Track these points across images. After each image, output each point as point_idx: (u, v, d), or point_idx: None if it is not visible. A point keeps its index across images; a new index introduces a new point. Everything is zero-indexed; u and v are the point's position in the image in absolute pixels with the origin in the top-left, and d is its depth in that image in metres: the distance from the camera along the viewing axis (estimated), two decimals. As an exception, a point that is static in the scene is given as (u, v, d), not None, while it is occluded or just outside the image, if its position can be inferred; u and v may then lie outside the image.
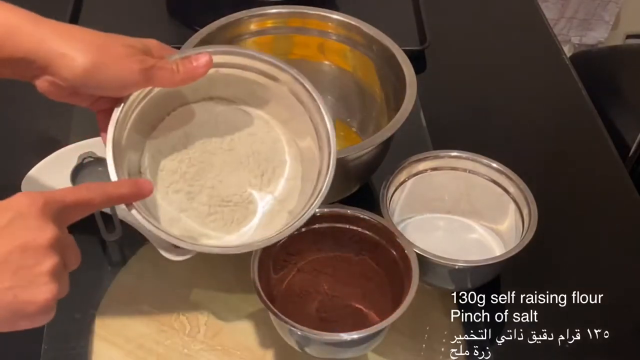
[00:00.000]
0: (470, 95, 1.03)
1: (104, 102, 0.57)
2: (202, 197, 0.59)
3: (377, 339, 0.67)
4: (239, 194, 0.60)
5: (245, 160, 0.61)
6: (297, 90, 0.62)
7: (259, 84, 0.63)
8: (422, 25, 1.07)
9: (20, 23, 0.53)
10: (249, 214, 0.61)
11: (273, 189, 0.62)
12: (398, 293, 0.68)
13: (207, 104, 0.63)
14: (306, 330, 0.63)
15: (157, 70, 0.55)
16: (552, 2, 1.87)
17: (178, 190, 0.59)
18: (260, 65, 0.62)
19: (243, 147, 0.62)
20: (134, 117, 0.58)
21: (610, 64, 1.48)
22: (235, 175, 0.61)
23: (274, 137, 0.64)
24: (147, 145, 0.60)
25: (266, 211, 0.62)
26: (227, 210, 0.59)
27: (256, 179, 0.61)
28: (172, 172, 0.59)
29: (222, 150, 0.61)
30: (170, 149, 0.60)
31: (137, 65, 0.54)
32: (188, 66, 0.57)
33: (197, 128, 0.62)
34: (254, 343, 0.72)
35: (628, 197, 0.90)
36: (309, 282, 0.73)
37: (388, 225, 0.71)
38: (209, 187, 0.60)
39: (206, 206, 0.59)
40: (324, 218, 0.72)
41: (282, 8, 0.86)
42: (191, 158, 0.60)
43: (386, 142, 0.75)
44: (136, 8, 1.09)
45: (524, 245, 0.70)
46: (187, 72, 0.57)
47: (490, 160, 0.77)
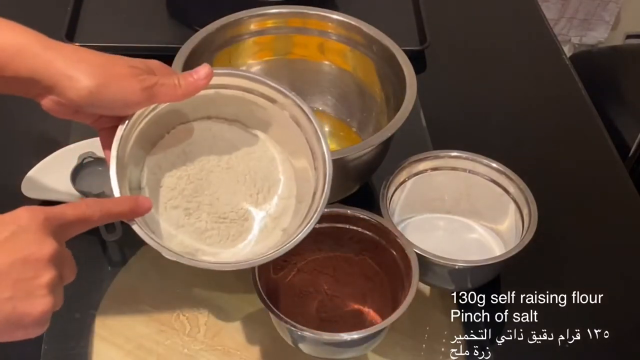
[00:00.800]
0: (470, 95, 1.03)
1: (106, 121, 0.58)
2: (199, 213, 0.61)
3: (377, 339, 0.67)
4: (235, 211, 0.61)
5: (242, 178, 0.63)
6: (295, 114, 0.63)
7: (258, 106, 0.64)
8: (422, 25, 1.07)
9: (29, 43, 0.54)
10: (244, 230, 0.62)
11: (268, 206, 0.64)
12: (398, 293, 0.68)
13: (206, 123, 0.64)
14: (306, 330, 0.63)
15: (158, 87, 0.56)
16: (552, 2, 1.87)
17: (176, 206, 0.60)
18: (260, 88, 0.63)
19: (240, 165, 0.63)
20: (136, 134, 0.59)
21: (610, 64, 1.48)
22: (232, 193, 0.62)
23: (270, 157, 0.65)
24: (147, 161, 0.61)
25: (261, 228, 0.63)
26: (224, 227, 0.61)
27: (252, 196, 0.63)
28: (170, 189, 0.61)
29: (220, 168, 0.63)
30: (169, 166, 0.62)
31: (139, 84, 0.55)
32: (189, 79, 0.58)
33: (196, 146, 0.63)
34: (254, 343, 0.72)
35: (628, 197, 0.90)
36: (309, 282, 0.73)
37: (388, 225, 0.71)
38: (206, 204, 0.61)
39: (203, 222, 0.60)
40: (324, 218, 0.72)
41: (282, 8, 0.86)
42: (190, 175, 0.61)
43: (386, 142, 0.75)
44: (136, 8, 1.09)
45: (524, 245, 0.70)
46: (188, 86, 0.58)
47: (490, 160, 0.77)
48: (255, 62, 0.88)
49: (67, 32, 1.00)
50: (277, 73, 0.89)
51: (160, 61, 0.60)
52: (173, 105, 0.61)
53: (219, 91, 0.62)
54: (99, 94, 0.53)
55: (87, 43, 1.00)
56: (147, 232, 0.55)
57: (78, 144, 0.83)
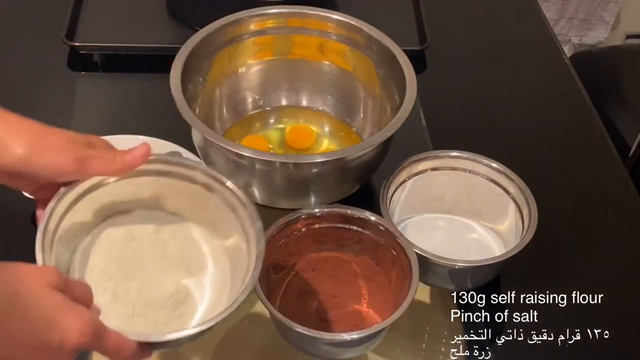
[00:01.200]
0: (470, 95, 1.03)
1: (45, 192, 0.60)
2: (127, 297, 0.60)
3: (377, 339, 0.67)
4: (164, 299, 0.61)
5: (175, 263, 0.63)
6: (229, 198, 0.64)
7: (193, 193, 0.65)
8: (422, 25, 1.07)
9: None
10: (174, 317, 0.61)
11: (201, 287, 0.63)
12: (398, 293, 0.68)
13: (141, 212, 0.66)
14: (306, 330, 0.63)
15: (92, 160, 0.58)
16: (552, 2, 1.87)
17: (105, 289, 0.60)
18: (197, 175, 0.64)
19: (172, 250, 0.64)
20: (70, 216, 0.61)
21: (610, 64, 1.48)
22: (163, 278, 0.62)
23: (198, 240, 0.66)
24: (81, 244, 0.63)
25: (199, 306, 0.62)
26: (151, 313, 0.60)
27: (185, 279, 0.62)
28: (101, 272, 0.61)
29: (153, 253, 0.63)
30: (102, 250, 0.62)
31: (72, 155, 0.57)
32: (126, 157, 0.60)
33: (130, 233, 0.64)
34: (254, 343, 0.72)
35: (628, 197, 0.90)
36: (309, 282, 0.73)
37: (388, 225, 0.71)
38: (136, 289, 0.61)
39: (130, 308, 0.60)
40: (324, 218, 0.72)
41: (282, 8, 0.86)
42: (121, 260, 0.62)
43: (386, 142, 0.75)
44: (136, 8, 1.09)
45: (524, 245, 0.70)
46: (124, 162, 0.60)
47: (490, 160, 0.77)
48: (255, 62, 0.88)
49: (67, 32, 0.99)
50: (277, 73, 0.89)
51: (100, 137, 0.61)
52: (110, 195, 0.62)
53: (159, 179, 0.64)
54: (30, 161, 0.55)
55: (87, 43, 1.00)
56: None
57: None
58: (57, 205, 0.58)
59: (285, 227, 0.71)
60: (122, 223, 0.64)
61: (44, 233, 0.57)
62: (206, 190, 0.64)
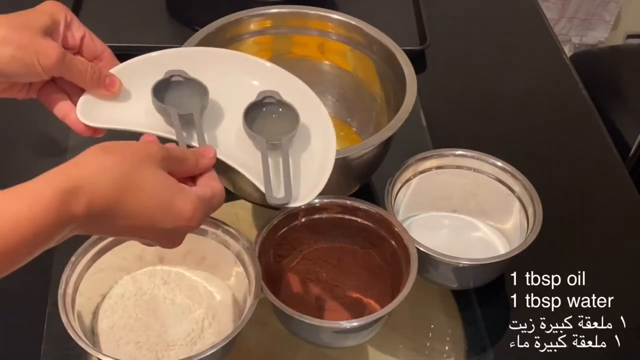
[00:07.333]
0: (470, 95, 1.03)
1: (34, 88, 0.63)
2: (149, 344, 0.66)
3: (376, 327, 0.67)
4: (182, 338, 0.67)
5: (184, 307, 0.69)
6: (222, 236, 0.69)
7: (190, 242, 0.67)
8: (422, 25, 1.07)
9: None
10: (201, 348, 0.66)
11: (212, 329, 0.68)
12: (398, 285, 0.68)
13: (147, 270, 0.72)
14: (305, 317, 0.63)
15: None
16: (552, 2, 1.87)
17: (128, 342, 0.66)
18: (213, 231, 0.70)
19: (180, 298, 0.70)
20: (84, 283, 0.67)
21: (610, 64, 1.48)
22: (177, 322, 0.68)
23: (203, 281, 0.72)
24: (99, 308, 0.69)
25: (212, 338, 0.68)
26: (174, 354, 0.66)
27: (197, 323, 0.68)
28: (122, 328, 0.67)
29: (164, 302, 0.70)
30: (119, 309, 0.69)
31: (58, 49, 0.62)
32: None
33: (139, 289, 0.71)
34: (254, 343, 0.72)
35: (628, 197, 0.90)
36: (312, 270, 0.74)
37: (386, 215, 0.71)
38: (155, 335, 0.67)
39: (154, 352, 0.66)
40: (331, 208, 0.72)
41: (282, 8, 0.86)
42: (137, 313, 0.69)
43: (386, 142, 0.75)
44: (136, 8, 1.09)
45: (528, 244, 0.70)
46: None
47: (495, 159, 0.77)
48: (255, 62, 0.88)
49: (67, 32, 0.99)
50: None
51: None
52: (117, 257, 0.69)
53: None
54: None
55: (87, 43, 1.00)
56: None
57: (166, 51, 0.71)
58: (71, 273, 0.65)
59: (286, 217, 0.72)
60: (131, 282, 0.71)
61: (63, 297, 0.63)
62: (203, 237, 0.69)
